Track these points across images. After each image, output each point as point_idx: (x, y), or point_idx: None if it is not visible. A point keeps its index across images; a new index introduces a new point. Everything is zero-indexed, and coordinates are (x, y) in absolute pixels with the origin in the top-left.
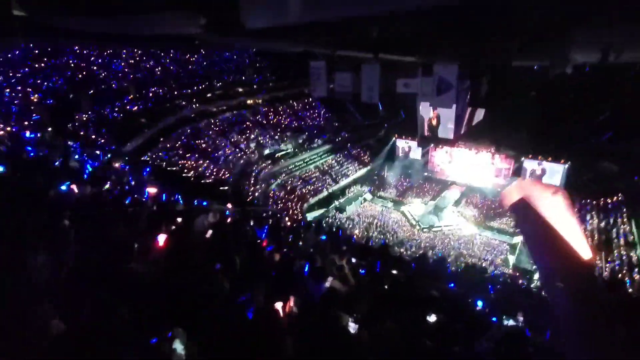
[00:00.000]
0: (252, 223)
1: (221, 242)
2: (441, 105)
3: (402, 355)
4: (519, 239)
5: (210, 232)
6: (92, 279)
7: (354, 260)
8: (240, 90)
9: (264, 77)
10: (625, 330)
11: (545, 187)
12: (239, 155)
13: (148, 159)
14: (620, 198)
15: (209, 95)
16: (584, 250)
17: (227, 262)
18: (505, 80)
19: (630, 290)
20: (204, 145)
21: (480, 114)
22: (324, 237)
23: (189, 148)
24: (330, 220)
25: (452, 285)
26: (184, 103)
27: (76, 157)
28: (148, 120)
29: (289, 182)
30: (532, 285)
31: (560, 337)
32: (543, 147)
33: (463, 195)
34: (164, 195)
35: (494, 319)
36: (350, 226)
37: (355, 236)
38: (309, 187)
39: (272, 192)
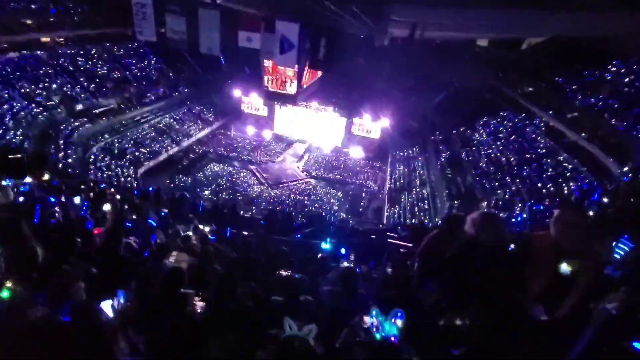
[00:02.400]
0: (63, 199)
1: (13, 229)
2: (284, 64)
3: (253, 317)
4: (350, 188)
5: None
6: None
7: (202, 227)
8: (29, 22)
9: (65, 9)
10: None
11: None
12: (37, 111)
13: None
14: (417, 149)
15: None
16: None
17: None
18: (339, 45)
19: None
20: None
21: (318, 74)
22: (164, 210)
23: None
24: (173, 186)
25: (299, 236)
26: None
27: None
28: None
29: (116, 144)
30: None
31: None
32: (367, 107)
33: (306, 151)
34: None
35: (332, 263)
36: (197, 190)
37: (202, 201)
38: (144, 149)
39: (92, 157)
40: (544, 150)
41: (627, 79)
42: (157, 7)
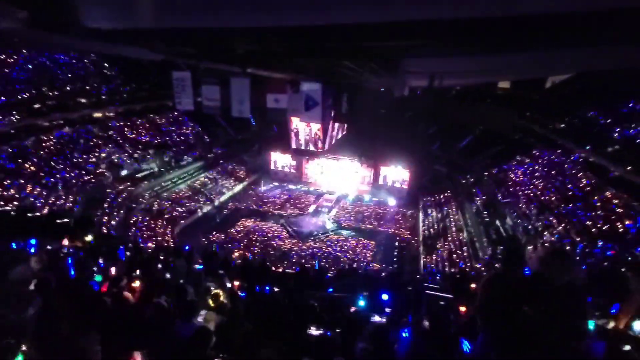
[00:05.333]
0: (101, 261)
1: (45, 292)
2: (309, 120)
3: None
4: (382, 237)
5: (34, 281)
6: None
7: (232, 284)
8: (84, 101)
9: (115, 87)
10: None
11: None
12: (86, 178)
13: None
14: (449, 194)
15: (37, 106)
16: None
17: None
18: (360, 99)
19: (464, 266)
20: (32, 169)
21: (342, 128)
22: (198, 267)
23: (8, 173)
24: (206, 242)
25: (331, 290)
26: None
27: None
28: None
29: (155, 205)
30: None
31: None
32: (393, 155)
33: (335, 203)
34: None
35: (367, 317)
36: (230, 246)
37: (234, 257)
38: (180, 208)
39: (133, 218)
40: (589, 187)
41: None
42: (194, 80)
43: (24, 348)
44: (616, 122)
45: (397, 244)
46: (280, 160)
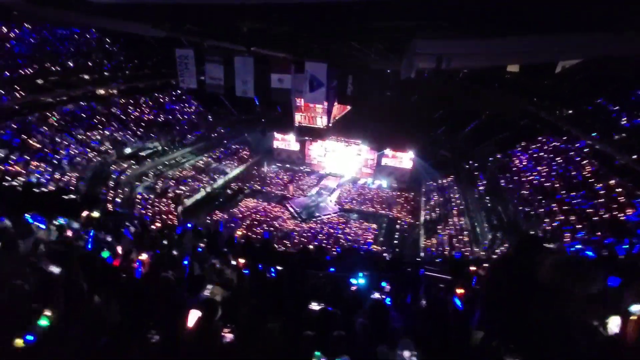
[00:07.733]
0: (109, 238)
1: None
2: (313, 101)
3: (283, 353)
4: (384, 220)
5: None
6: None
7: (236, 261)
8: (87, 77)
9: (117, 64)
10: None
11: None
12: (90, 155)
13: None
14: (452, 179)
15: (40, 82)
16: None
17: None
18: (366, 80)
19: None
20: (37, 145)
21: (346, 110)
22: (201, 245)
23: (12, 149)
24: (210, 221)
25: (332, 270)
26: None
27: None
28: None
29: (159, 183)
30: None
31: None
32: (397, 139)
33: (338, 185)
34: None
35: (367, 294)
36: (233, 225)
37: (237, 235)
38: (184, 187)
39: (138, 196)
40: (593, 175)
41: None
42: (197, 58)
43: (48, 313)
44: (624, 109)
45: (398, 226)
46: (283, 140)
